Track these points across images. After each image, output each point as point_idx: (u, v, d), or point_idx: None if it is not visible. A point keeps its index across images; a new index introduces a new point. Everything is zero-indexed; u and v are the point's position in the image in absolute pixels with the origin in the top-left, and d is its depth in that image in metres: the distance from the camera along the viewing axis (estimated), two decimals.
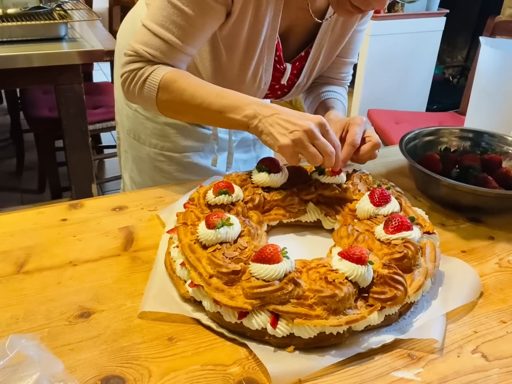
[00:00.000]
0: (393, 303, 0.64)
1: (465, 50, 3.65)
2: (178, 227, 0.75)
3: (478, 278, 0.74)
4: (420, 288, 0.67)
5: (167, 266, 0.73)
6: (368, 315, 0.62)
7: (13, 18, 1.77)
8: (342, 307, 0.62)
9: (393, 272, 0.65)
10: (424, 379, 0.60)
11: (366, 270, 0.63)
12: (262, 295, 0.61)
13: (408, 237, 0.70)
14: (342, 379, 0.59)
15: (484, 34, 2.25)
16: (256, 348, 0.62)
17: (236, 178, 0.86)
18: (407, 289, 0.65)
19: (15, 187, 2.76)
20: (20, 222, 0.86)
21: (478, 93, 1.14)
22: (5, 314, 0.67)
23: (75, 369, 0.59)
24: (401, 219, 0.71)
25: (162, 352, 0.62)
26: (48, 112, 2.34)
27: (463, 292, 0.71)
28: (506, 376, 0.61)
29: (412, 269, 0.69)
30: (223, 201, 0.78)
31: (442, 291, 0.72)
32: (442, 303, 0.70)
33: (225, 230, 0.69)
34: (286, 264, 0.63)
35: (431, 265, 0.71)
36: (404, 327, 0.66)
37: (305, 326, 0.61)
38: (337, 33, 1.03)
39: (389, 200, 0.78)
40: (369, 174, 0.90)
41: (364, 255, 0.64)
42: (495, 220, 0.92)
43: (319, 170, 0.86)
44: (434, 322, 0.66)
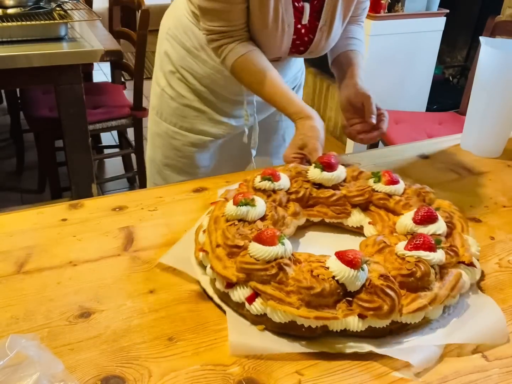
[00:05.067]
0: (376, 315, 0.62)
1: (465, 50, 3.65)
2: (218, 201, 0.82)
3: (503, 324, 0.66)
4: (418, 311, 0.63)
5: (196, 231, 0.80)
6: (342, 318, 0.62)
7: (13, 18, 1.77)
8: (317, 302, 0.62)
9: (386, 285, 0.63)
10: (424, 379, 0.60)
11: (355, 274, 0.62)
12: (248, 271, 0.66)
13: (424, 257, 0.66)
14: (342, 379, 0.59)
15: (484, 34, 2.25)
16: (232, 317, 0.66)
17: (292, 170, 0.90)
18: (397, 306, 0.62)
19: (15, 187, 2.75)
20: (20, 222, 0.86)
21: (478, 93, 1.14)
22: (5, 314, 0.67)
23: (75, 369, 0.59)
24: (425, 239, 0.68)
25: (162, 352, 0.62)
26: (48, 112, 2.34)
27: (475, 331, 0.65)
28: (506, 376, 0.61)
29: (418, 289, 0.65)
30: (265, 187, 0.83)
31: (454, 323, 0.67)
32: (445, 335, 0.65)
33: (246, 209, 0.74)
34: (279, 249, 0.66)
35: (445, 292, 0.66)
36: (389, 344, 0.63)
37: (276, 310, 0.63)
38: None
39: (434, 221, 0.74)
40: (431, 192, 0.85)
41: (357, 259, 0.63)
42: (495, 220, 0.92)
43: (376, 178, 0.85)
44: (422, 348, 0.63)
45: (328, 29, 1.09)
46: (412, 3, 2.76)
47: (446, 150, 1.19)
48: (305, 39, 1.10)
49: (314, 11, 1.06)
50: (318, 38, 1.09)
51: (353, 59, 1.13)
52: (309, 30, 1.08)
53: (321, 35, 1.09)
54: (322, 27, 1.08)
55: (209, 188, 0.98)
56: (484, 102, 1.13)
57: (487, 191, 1.02)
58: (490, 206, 0.96)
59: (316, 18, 1.07)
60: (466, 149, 1.19)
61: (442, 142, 1.23)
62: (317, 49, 1.12)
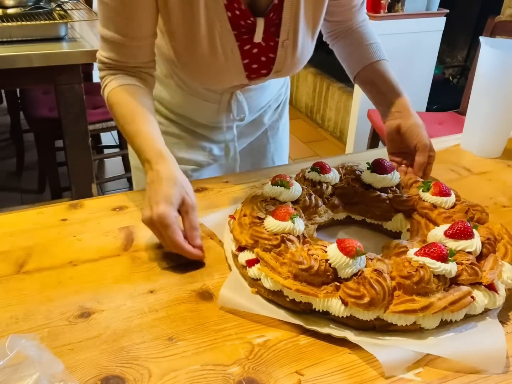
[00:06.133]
0: (356, 303, 0.63)
1: (465, 50, 3.65)
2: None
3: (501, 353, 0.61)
4: (405, 313, 0.63)
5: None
6: (322, 297, 0.65)
7: (13, 18, 1.77)
8: (303, 278, 0.66)
9: (375, 278, 0.64)
10: (424, 379, 0.60)
11: (347, 261, 0.65)
12: (256, 239, 0.72)
13: (429, 264, 0.65)
14: (342, 379, 0.59)
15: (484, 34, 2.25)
16: (233, 276, 0.73)
17: (348, 167, 0.92)
18: (379, 300, 0.62)
19: (15, 187, 2.76)
20: (20, 222, 0.86)
21: (478, 93, 1.14)
22: (5, 314, 0.67)
23: (75, 369, 0.59)
24: (439, 249, 0.66)
25: (162, 352, 0.62)
26: (48, 112, 2.34)
27: (467, 350, 0.62)
28: (506, 376, 0.61)
29: (413, 293, 0.64)
30: (311, 177, 0.87)
31: (448, 337, 0.64)
32: (431, 345, 0.63)
33: (280, 189, 0.80)
34: (288, 224, 0.71)
35: (442, 304, 0.63)
36: (369, 338, 0.64)
37: (267, 277, 0.68)
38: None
39: (467, 237, 0.71)
40: (484, 213, 0.81)
41: (352, 248, 0.65)
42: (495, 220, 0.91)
43: (425, 187, 0.84)
44: (398, 349, 0.62)
45: (293, 44, 0.93)
46: (412, 3, 2.76)
47: (446, 150, 1.19)
48: (262, 59, 0.95)
49: (271, 25, 0.90)
50: (282, 56, 0.94)
51: (388, 77, 1.02)
52: (267, 49, 0.93)
53: (284, 52, 0.94)
54: (283, 42, 0.92)
55: (209, 188, 0.98)
56: (484, 102, 1.13)
57: (487, 191, 1.02)
58: (490, 206, 0.96)
59: (275, 33, 0.92)
60: (466, 149, 1.19)
61: (442, 142, 1.23)
62: (283, 68, 0.97)
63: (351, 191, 0.87)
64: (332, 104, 3.54)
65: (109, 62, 0.89)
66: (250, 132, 1.19)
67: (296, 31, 0.92)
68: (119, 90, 0.88)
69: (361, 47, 1.06)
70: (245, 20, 0.88)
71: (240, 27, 0.89)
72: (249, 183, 1.00)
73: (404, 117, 0.97)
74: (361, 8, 1.08)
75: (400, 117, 0.98)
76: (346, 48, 1.09)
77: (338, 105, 3.47)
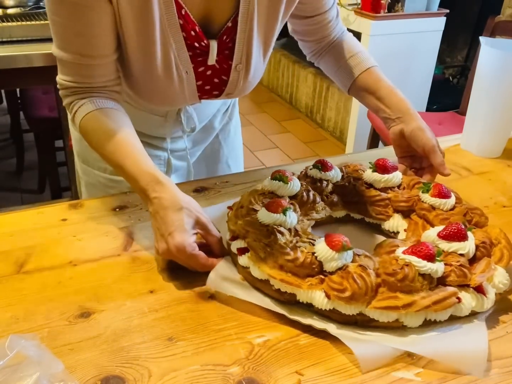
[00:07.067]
0: (338, 296, 0.64)
1: (465, 50, 3.65)
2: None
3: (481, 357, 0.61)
4: (387, 309, 0.63)
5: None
6: (306, 289, 0.66)
7: (13, 18, 1.77)
8: (288, 269, 0.68)
9: (359, 273, 0.64)
10: (424, 379, 0.60)
11: (332, 255, 0.66)
12: (248, 229, 0.74)
13: (415, 263, 0.65)
14: (342, 379, 0.59)
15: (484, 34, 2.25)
16: (226, 261, 0.75)
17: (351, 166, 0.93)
18: (361, 295, 0.63)
19: (15, 187, 2.76)
20: (20, 222, 0.86)
21: (478, 93, 1.14)
22: (5, 314, 0.67)
23: (75, 369, 0.59)
24: (426, 248, 0.67)
25: (162, 352, 0.62)
26: (48, 112, 2.34)
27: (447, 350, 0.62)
28: (506, 376, 0.61)
29: (396, 290, 0.64)
30: (314, 174, 0.88)
31: (431, 336, 0.64)
32: (411, 343, 0.63)
33: (278, 184, 0.82)
34: (279, 217, 0.73)
35: (425, 303, 0.63)
36: (351, 332, 0.65)
37: (255, 266, 0.70)
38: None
39: (460, 239, 0.71)
40: (483, 216, 0.80)
41: (338, 242, 0.67)
42: (495, 220, 0.91)
43: (425, 188, 0.84)
44: (377, 345, 0.63)
45: (245, 68, 0.93)
46: (412, 3, 2.76)
47: (446, 150, 1.18)
48: (215, 81, 0.94)
49: (225, 48, 0.90)
50: (234, 79, 0.93)
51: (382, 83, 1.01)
52: (220, 71, 0.93)
53: (237, 75, 0.93)
54: (237, 66, 0.92)
55: (209, 188, 0.98)
56: (484, 102, 1.13)
57: (487, 191, 1.02)
58: (490, 206, 0.96)
59: (229, 56, 0.91)
60: (466, 149, 1.19)
61: (442, 142, 1.23)
62: (235, 91, 0.96)
63: (352, 190, 0.87)
64: (332, 104, 3.54)
65: (72, 86, 0.84)
66: (203, 139, 1.16)
67: (250, 55, 0.92)
68: (93, 115, 0.83)
69: (347, 59, 1.04)
70: (199, 42, 0.87)
71: (195, 49, 0.88)
72: (249, 183, 1.00)
73: (405, 121, 0.96)
74: (337, 21, 1.05)
75: (402, 122, 0.96)
76: (332, 63, 1.07)
77: (338, 105, 3.47)
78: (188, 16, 0.84)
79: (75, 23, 0.78)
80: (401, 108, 0.98)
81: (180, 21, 0.83)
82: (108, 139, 0.80)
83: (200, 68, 0.91)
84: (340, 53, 1.05)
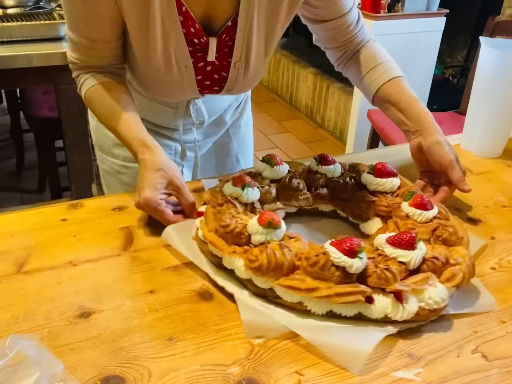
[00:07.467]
0: (248, 266, 0.68)
1: (465, 50, 3.65)
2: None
3: (360, 359, 0.61)
4: (289, 289, 0.66)
5: None
6: (225, 254, 0.71)
7: (13, 18, 1.77)
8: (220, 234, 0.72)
9: (273, 250, 0.68)
10: (424, 379, 0.60)
11: (259, 229, 0.71)
12: (211, 196, 0.81)
13: (332, 253, 0.66)
14: (342, 379, 0.59)
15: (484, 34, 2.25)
16: (190, 223, 0.81)
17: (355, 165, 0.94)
18: (265, 269, 0.67)
19: (15, 187, 2.76)
20: (20, 222, 0.86)
21: (478, 93, 1.14)
22: (5, 314, 0.67)
23: (75, 369, 0.59)
24: (351, 244, 0.66)
25: (162, 352, 0.62)
26: (48, 112, 2.34)
27: (329, 341, 0.62)
28: (506, 376, 0.61)
29: (309, 275, 0.67)
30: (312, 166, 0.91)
31: (324, 326, 0.65)
32: (301, 325, 0.65)
33: (264, 165, 0.87)
34: (237, 190, 0.79)
35: (328, 292, 0.64)
36: (253, 300, 0.69)
37: (201, 227, 0.76)
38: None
39: (407, 248, 0.69)
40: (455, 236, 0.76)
41: (264, 219, 0.70)
42: (495, 220, 0.92)
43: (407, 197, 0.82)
44: (266, 317, 0.66)
45: (245, 66, 0.95)
46: (412, 3, 2.76)
47: None
48: (214, 77, 0.97)
49: (224, 46, 0.92)
50: (234, 76, 0.96)
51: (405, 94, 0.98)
52: (220, 68, 0.95)
53: (236, 72, 0.96)
54: (236, 64, 0.94)
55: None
56: (484, 102, 1.13)
57: (487, 191, 1.02)
58: (490, 206, 0.96)
59: (228, 54, 0.93)
60: (466, 149, 1.19)
61: None
62: (234, 87, 0.99)
63: (342, 187, 0.88)
64: (332, 104, 3.54)
65: (78, 63, 0.93)
66: (213, 132, 1.20)
67: (249, 54, 0.94)
68: (96, 89, 0.92)
69: (371, 68, 1.02)
70: (199, 38, 0.90)
71: (194, 45, 0.91)
72: None
73: (423, 135, 0.93)
74: (358, 26, 1.03)
75: (420, 135, 0.94)
76: (357, 72, 1.04)
77: (338, 105, 3.47)
78: (189, 13, 0.87)
79: (81, 11, 0.85)
80: (420, 121, 0.95)
81: (180, 18, 0.87)
82: (107, 110, 0.91)
83: (199, 63, 0.94)
84: (364, 62, 1.03)
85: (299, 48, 4.04)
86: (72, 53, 0.92)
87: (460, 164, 0.91)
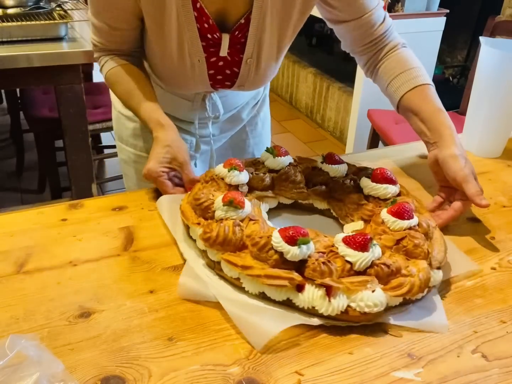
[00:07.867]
0: (201, 236, 0.73)
1: (465, 50, 3.66)
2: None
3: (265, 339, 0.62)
4: (227, 262, 0.70)
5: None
6: (189, 223, 0.77)
7: (13, 18, 1.77)
8: (192, 204, 0.79)
9: (224, 225, 0.71)
10: (424, 379, 0.60)
11: (220, 206, 0.75)
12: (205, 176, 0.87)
13: (274, 238, 0.69)
14: (342, 379, 0.59)
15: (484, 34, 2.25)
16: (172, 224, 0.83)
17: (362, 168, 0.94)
18: (212, 241, 0.71)
19: (15, 187, 2.76)
20: (20, 222, 0.86)
21: (478, 93, 1.14)
22: (5, 314, 0.67)
23: (75, 369, 0.59)
24: (296, 232, 0.68)
25: (162, 352, 0.62)
26: (48, 112, 2.34)
27: (245, 317, 0.65)
28: (506, 376, 0.61)
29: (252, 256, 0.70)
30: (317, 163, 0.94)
31: (248, 304, 0.68)
32: (228, 297, 0.69)
33: (266, 155, 0.92)
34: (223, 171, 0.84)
35: (259, 272, 0.67)
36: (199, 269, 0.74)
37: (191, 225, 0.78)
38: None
39: (357, 249, 0.68)
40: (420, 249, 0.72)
41: (227, 197, 0.74)
42: (495, 220, 0.92)
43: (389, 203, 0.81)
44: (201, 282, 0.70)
45: (256, 63, 0.97)
46: (412, 3, 2.76)
47: None
48: (226, 72, 0.99)
49: (237, 42, 0.95)
50: (245, 72, 0.99)
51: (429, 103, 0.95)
52: (232, 63, 0.98)
53: (247, 68, 0.98)
54: (247, 60, 0.97)
55: None
56: (484, 102, 1.13)
57: (487, 191, 1.01)
58: (490, 206, 0.96)
59: (240, 50, 0.96)
60: (466, 149, 1.17)
61: None
62: (246, 83, 1.01)
63: (340, 187, 0.89)
64: (332, 104, 3.54)
65: (99, 46, 0.99)
66: (229, 128, 1.23)
67: (260, 51, 0.97)
68: (117, 70, 0.98)
69: (397, 75, 0.98)
70: (212, 34, 0.93)
71: (207, 40, 0.94)
72: None
73: (440, 147, 0.89)
74: (384, 28, 0.99)
75: (437, 147, 0.89)
76: (384, 79, 1.01)
77: (338, 105, 3.47)
78: (203, 10, 0.90)
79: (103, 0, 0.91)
80: (439, 132, 0.90)
81: (195, 13, 0.90)
82: (126, 91, 0.98)
83: (212, 58, 0.97)
84: (390, 69, 1.00)
85: (299, 48, 4.04)
86: (94, 36, 0.99)
87: (477, 181, 0.85)
